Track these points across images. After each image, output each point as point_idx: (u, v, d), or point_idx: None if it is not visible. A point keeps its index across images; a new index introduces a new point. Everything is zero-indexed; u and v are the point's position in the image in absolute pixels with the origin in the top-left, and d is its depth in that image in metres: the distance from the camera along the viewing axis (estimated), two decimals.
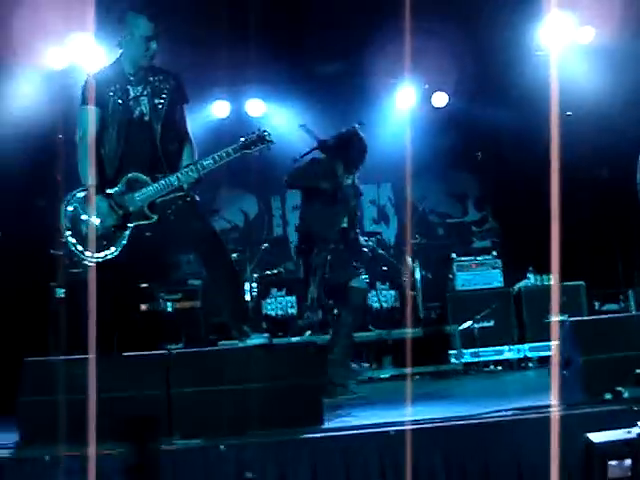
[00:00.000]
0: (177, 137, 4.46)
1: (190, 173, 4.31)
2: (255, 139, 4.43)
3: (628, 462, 1.91)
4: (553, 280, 7.09)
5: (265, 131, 4.47)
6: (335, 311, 6.33)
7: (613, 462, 2.01)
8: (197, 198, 4.50)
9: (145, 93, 4.37)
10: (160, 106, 4.35)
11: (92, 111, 4.32)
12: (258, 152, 4.46)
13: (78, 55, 8.12)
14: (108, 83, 4.37)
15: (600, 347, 4.24)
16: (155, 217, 4.31)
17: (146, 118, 4.34)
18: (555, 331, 7.15)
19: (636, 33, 8.34)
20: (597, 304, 8.53)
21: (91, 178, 4.28)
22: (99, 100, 4.33)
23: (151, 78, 4.41)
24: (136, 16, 4.34)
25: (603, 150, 9.69)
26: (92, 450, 3.54)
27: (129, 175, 4.32)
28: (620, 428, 2.32)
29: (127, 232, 4.32)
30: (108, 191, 4.32)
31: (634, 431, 1.96)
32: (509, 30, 8.40)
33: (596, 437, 2.13)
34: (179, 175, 4.31)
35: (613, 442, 2.07)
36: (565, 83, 8.02)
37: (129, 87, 4.38)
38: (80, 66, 8.03)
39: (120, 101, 4.35)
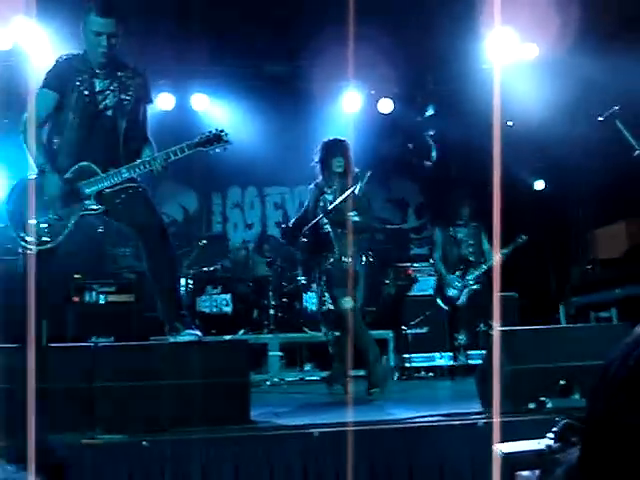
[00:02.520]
0: (139, 135, 4.45)
1: (141, 167, 4.29)
2: (212, 138, 4.45)
3: (536, 473, 1.93)
4: (494, 290, 7.16)
5: (222, 131, 4.51)
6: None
7: (522, 473, 2.04)
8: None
9: (112, 88, 4.34)
10: (126, 102, 4.34)
11: (50, 95, 4.29)
12: (212, 151, 4.48)
13: (21, 37, 7.99)
14: (74, 72, 4.33)
15: (526, 357, 4.31)
16: (101, 208, 4.28)
17: (109, 112, 4.31)
18: (485, 340, 7.31)
19: (577, 49, 8.53)
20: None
21: (37, 159, 4.24)
22: (61, 87, 4.30)
23: (119, 73, 4.39)
24: (87, 11, 4.30)
25: (542, 163, 9.90)
26: (30, 441, 3.45)
27: (81, 164, 4.27)
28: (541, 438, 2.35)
29: (72, 221, 4.25)
30: (56, 177, 4.24)
31: (544, 442, 1.98)
32: (456, 42, 8.49)
33: (505, 447, 2.15)
34: (129, 168, 4.28)
35: (522, 453, 2.09)
36: (509, 97, 8.21)
37: (95, 80, 4.34)
38: (23, 47, 7.91)
39: (87, 92, 4.31)
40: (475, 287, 7.72)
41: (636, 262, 7.24)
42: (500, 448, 2.14)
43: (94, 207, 4.27)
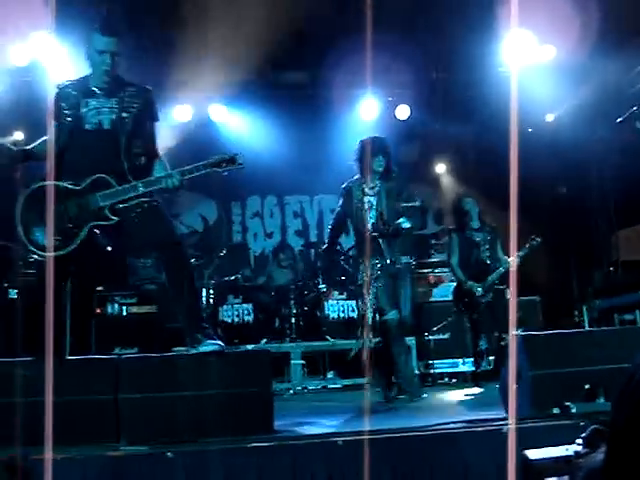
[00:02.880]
0: (145, 152, 4.51)
1: (158, 183, 4.34)
2: (227, 159, 4.45)
3: None
4: (511, 294, 7.15)
5: (237, 154, 4.52)
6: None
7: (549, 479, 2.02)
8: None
9: (109, 106, 4.41)
10: (126, 119, 4.39)
11: (52, 126, 4.41)
12: (227, 172, 4.50)
13: (39, 52, 8.10)
14: (68, 97, 4.44)
15: (550, 362, 4.28)
16: (115, 219, 4.30)
17: (107, 127, 4.37)
18: (510, 346, 7.26)
19: (594, 51, 8.48)
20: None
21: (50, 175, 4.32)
22: (57, 114, 4.42)
23: (121, 92, 4.46)
24: (91, 31, 4.41)
25: (562, 167, 9.85)
26: (48, 454, 3.47)
27: (96, 176, 4.31)
28: (566, 444, 2.33)
29: (84, 231, 4.29)
30: (70, 186, 4.29)
31: (572, 448, 1.96)
32: (473, 46, 8.47)
33: (533, 454, 2.13)
34: (145, 183, 4.33)
35: (550, 459, 2.07)
36: (527, 100, 8.18)
37: (89, 99, 4.41)
38: (41, 63, 8.03)
39: (74, 111, 4.40)
40: (493, 293, 7.50)
41: None
42: (527, 454, 2.12)
43: (108, 217, 4.30)
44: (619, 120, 5.40)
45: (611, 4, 7.72)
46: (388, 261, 6.16)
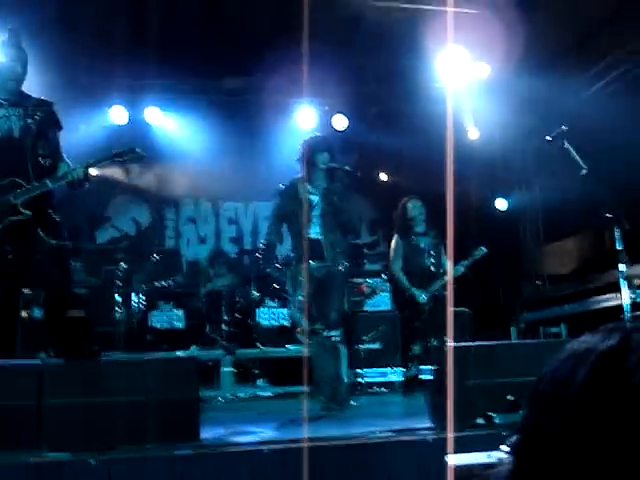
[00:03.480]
0: (50, 155, 4.80)
1: (64, 178, 4.68)
2: (126, 150, 4.77)
3: None
4: (447, 305, 7.24)
5: (135, 148, 4.82)
6: None
7: None
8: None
9: (17, 114, 4.70)
10: (31, 126, 4.69)
11: None
12: (127, 161, 4.92)
13: None
14: None
15: (477, 373, 4.35)
16: (28, 213, 4.57)
17: (16, 134, 4.66)
18: (437, 356, 7.35)
19: (527, 68, 8.70)
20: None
21: None
22: None
23: (26, 103, 4.75)
24: None
25: (492, 181, 10.05)
26: None
27: (7, 180, 4.59)
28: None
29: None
30: None
31: (495, 455, 1.99)
32: (409, 60, 8.59)
33: (456, 459, 2.17)
34: (52, 179, 4.66)
35: (473, 465, 2.11)
36: (460, 115, 8.34)
37: None
38: None
39: None
40: (435, 300, 7.38)
41: (584, 278, 7.37)
42: (451, 460, 2.16)
43: (22, 212, 4.55)
44: (548, 138, 5.52)
45: (542, 21, 7.94)
46: (329, 264, 5.99)
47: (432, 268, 7.46)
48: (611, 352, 0.67)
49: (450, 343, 7.04)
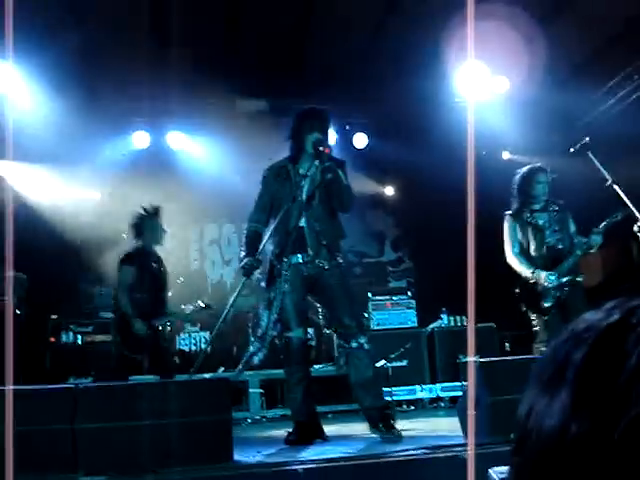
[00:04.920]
0: None
1: None
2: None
3: None
4: (468, 321, 7.18)
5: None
6: None
7: None
8: None
9: None
10: None
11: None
12: None
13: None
14: None
15: (508, 388, 4.32)
16: None
17: None
18: (466, 372, 7.32)
19: (547, 85, 8.70)
20: (507, 345, 8.73)
21: None
22: None
23: None
24: None
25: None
26: None
27: None
28: None
29: None
30: None
31: None
32: (429, 76, 8.61)
33: (498, 472, 2.16)
34: None
35: None
36: (482, 130, 8.33)
37: None
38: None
39: None
40: (568, 286, 5.89)
41: (613, 289, 7.30)
42: (494, 472, 2.14)
43: None
44: (572, 150, 5.52)
45: (560, 35, 7.94)
46: (312, 260, 5.09)
47: (559, 246, 5.97)
48: (609, 331, 0.61)
49: (471, 359, 7.01)
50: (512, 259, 6.01)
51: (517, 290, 6.12)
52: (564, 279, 5.83)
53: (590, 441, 0.55)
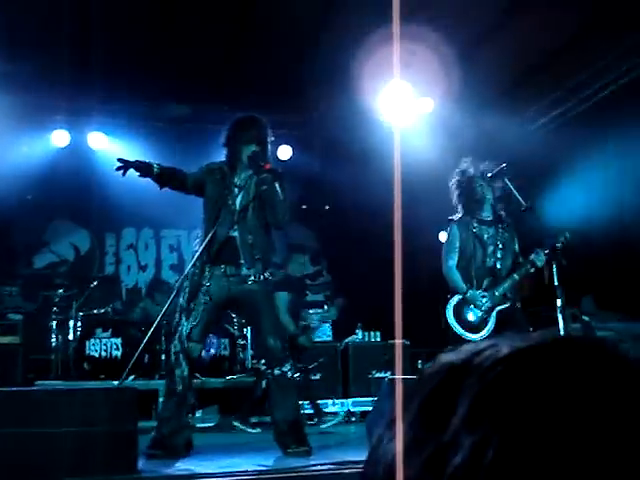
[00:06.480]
0: None
1: None
2: None
3: None
4: (396, 338, 7.20)
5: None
6: None
7: None
8: None
9: None
10: None
11: None
12: None
13: None
14: None
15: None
16: None
17: None
18: (377, 387, 7.38)
19: (472, 107, 8.89)
20: (420, 363, 8.83)
21: None
22: None
23: None
24: None
25: (437, 216, 10.17)
26: None
27: None
28: None
29: None
30: None
31: None
32: (353, 92, 8.68)
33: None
34: None
35: None
36: (405, 149, 8.43)
37: None
38: None
39: None
40: (503, 306, 5.60)
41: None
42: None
43: None
44: (489, 175, 5.64)
45: (486, 59, 8.14)
46: (244, 272, 4.90)
47: (498, 266, 5.66)
48: (449, 376, 0.57)
49: (389, 376, 7.06)
50: (447, 271, 5.70)
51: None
52: (499, 306, 5.55)
53: None
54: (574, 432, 0.50)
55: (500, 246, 5.68)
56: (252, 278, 4.91)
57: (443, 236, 6.03)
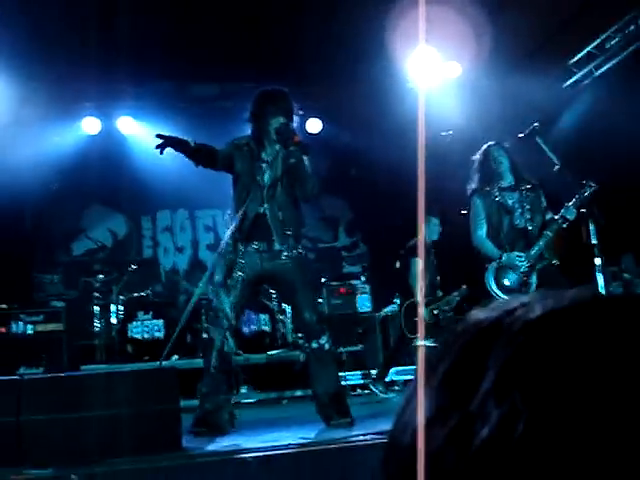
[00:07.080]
0: None
1: None
2: None
3: None
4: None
5: None
6: None
7: None
8: None
9: None
10: None
11: None
12: None
13: None
14: None
15: None
16: None
17: None
18: (418, 356, 7.36)
19: (496, 67, 8.74)
20: None
21: None
22: None
23: None
24: None
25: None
26: None
27: None
28: None
29: None
30: None
31: None
32: (380, 61, 8.60)
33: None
34: None
35: None
36: (433, 114, 8.36)
37: None
38: None
39: None
40: (542, 264, 5.51)
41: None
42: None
43: None
44: (520, 135, 5.56)
45: (511, 21, 7.99)
46: (270, 249, 4.88)
47: (529, 227, 5.58)
48: (477, 338, 0.54)
49: (421, 342, 7.02)
50: (478, 242, 5.67)
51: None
52: (539, 264, 5.48)
53: (443, 457, 0.51)
54: (614, 407, 0.46)
55: (528, 207, 5.60)
56: (285, 254, 4.88)
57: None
